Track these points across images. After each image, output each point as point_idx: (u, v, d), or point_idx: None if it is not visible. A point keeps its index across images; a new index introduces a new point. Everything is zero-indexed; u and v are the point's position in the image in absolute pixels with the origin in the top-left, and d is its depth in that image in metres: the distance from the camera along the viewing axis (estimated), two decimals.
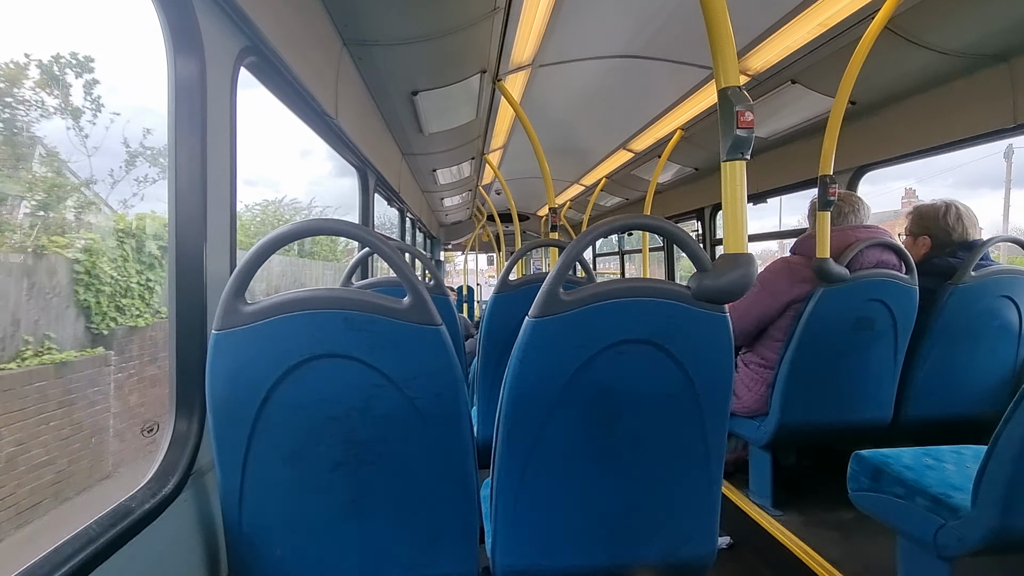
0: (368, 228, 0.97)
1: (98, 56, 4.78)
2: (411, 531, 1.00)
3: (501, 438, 1.02)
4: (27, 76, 4.33)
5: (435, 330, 0.92)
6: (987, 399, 1.97)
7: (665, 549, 1.11)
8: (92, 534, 0.75)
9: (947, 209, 1.96)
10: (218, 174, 1.08)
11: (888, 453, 1.48)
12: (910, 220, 2.09)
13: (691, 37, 2.34)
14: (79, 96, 4.85)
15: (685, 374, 1.00)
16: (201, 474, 1.02)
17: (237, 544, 0.95)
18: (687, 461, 1.07)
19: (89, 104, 4.94)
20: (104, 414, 4.27)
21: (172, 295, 1.01)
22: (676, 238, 1.01)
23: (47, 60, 4.48)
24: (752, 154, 0.99)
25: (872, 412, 1.95)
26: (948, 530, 1.21)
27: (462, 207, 6.59)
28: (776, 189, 3.34)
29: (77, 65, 4.73)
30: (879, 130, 2.52)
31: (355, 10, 1.68)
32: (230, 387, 0.88)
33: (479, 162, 4.31)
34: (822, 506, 1.99)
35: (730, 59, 0.98)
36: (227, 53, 1.14)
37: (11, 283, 3.60)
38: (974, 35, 1.86)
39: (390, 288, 1.74)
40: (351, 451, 0.94)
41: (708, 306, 0.98)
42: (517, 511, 1.06)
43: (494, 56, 2.29)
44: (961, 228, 1.95)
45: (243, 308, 0.87)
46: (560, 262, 0.98)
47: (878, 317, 1.83)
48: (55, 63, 4.58)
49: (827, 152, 1.82)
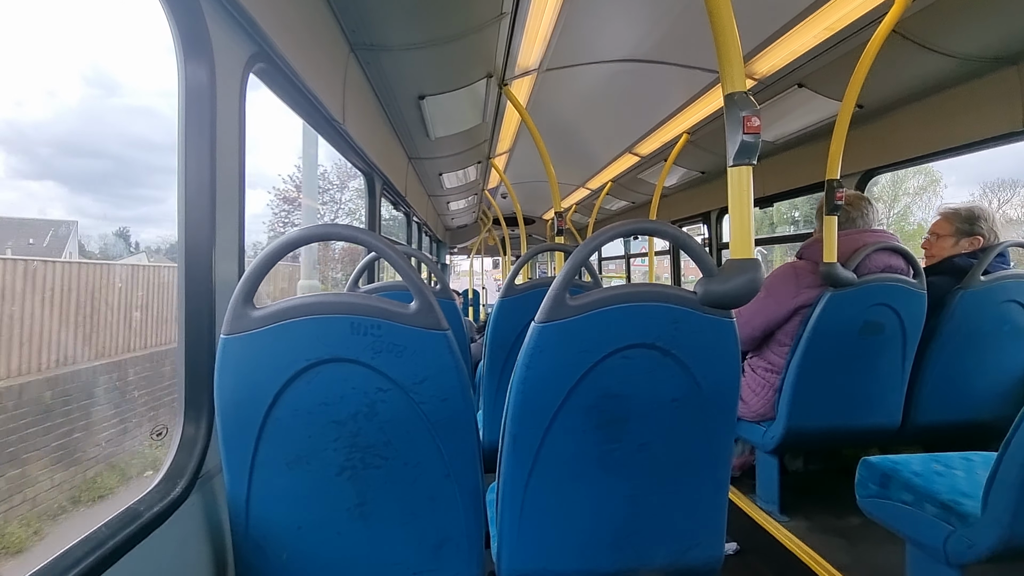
0: (375, 233, 0.97)
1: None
2: (417, 535, 1.00)
3: (507, 442, 1.02)
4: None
5: (441, 335, 0.92)
6: (996, 405, 1.95)
7: (671, 554, 1.11)
8: (102, 537, 0.75)
9: (993, 213, 1.97)
10: (227, 179, 1.09)
11: (897, 459, 1.47)
12: (959, 218, 2.00)
13: (698, 41, 2.34)
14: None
15: (692, 379, 1.00)
16: (209, 477, 1.03)
17: (244, 547, 0.95)
18: (694, 466, 1.07)
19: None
20: None
21: (181, 299, 1.02)
22: (681, 243, 1.01)
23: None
24: (759, 158, 0.99)
25: (880, 417, 1.93)
26: (958, 537, 1.20)
27: (468, 211, 6.60)
28: (783, 193, 3.33)
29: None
30: (886, 134, 2.50)
31: (363, 15, 1.69)
32: (238, 391, 0.88)
33: (485, 166, 4.32)
34: (830, 512, 1.98)
35: (736, 64, 0.98)
36: (236, 59, 1.15)
37: None
38: (983, 38, 1.85)
39: (396, 292, 1.74)
40: (357, 455, 0.94)
41: (714, 311, 0.98)
42: (523, 515, 1.06)
43: (500, 60, 2.30)
44: (998, 231, 1.96)
45: (251, 313, 0.88)
46: (566, 267, 0.98)
47: (886, 322, 1.82)
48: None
49: (834, 156, 1.81)
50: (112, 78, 17.87)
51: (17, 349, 3.45)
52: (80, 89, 14.09)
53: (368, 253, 2.13)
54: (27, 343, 3.50)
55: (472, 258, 9.58)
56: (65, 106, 12.62)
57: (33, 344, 3.56)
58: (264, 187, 16.86)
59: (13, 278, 3.44)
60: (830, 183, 1.79)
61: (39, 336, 3.59)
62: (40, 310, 3.61)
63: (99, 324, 4.17)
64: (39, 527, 3.25)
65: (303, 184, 4.00)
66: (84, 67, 14.57)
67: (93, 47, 7.22)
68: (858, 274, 1.79)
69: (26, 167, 13.17)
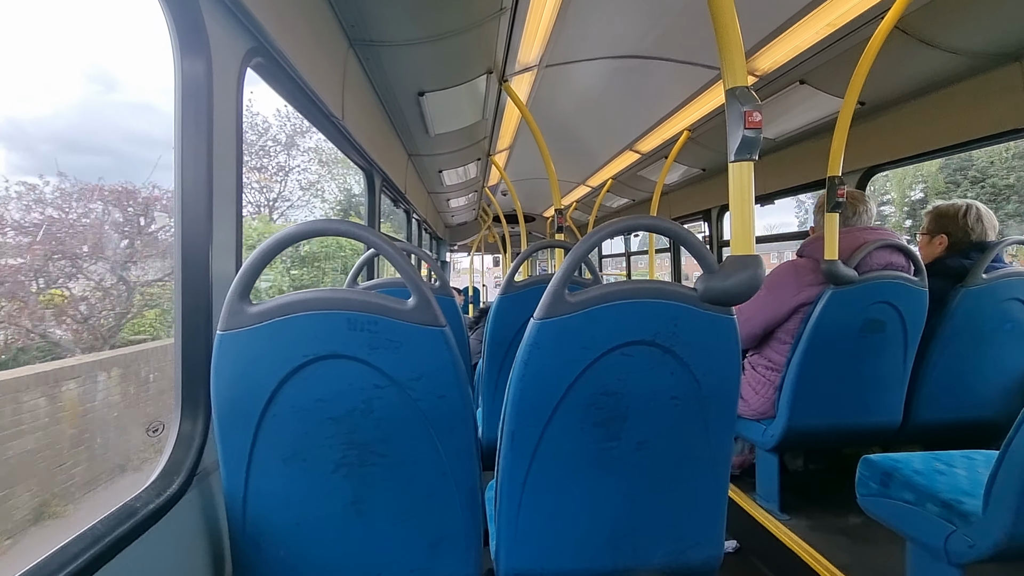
0: (374, 229, 0.97)
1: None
2: (414, 533, 1.00)
3: (505, 440, 1.02)
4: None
5: (439, 331, 0.91)
6: (998, 403, 1.94)
7: (671, 553, 1.10)
8: (97, 533, 0.75)
9: (967, 209, 1.94)
10: (224, 175, 1.09)
11: (898, 457, 1.46)
12: (927, 219, 2.06)
13: (699, 37, 2.33)
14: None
15: (691, 376, 0.99)
16: (206, 474, 1.03)
17: (241, 544, 0.95)
18: (693, 464, 1.06)
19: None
20: None
21: (177, 296, 1.02)
22: (682, 239, 1.00)
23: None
24: (760, 155, 0.98)
25: (881, 415, 1.92)
26: (959, 536, 1.19)
27: (468, 208, 6.58)
28: (784, 190, 3.32)
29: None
30: (888, 131, 2.49)
31: (362, 11, 1.68)
32: (235, 388, 0.88)
33: (485, 163, 4.31)
34: (830, 511, 1.97)
35: (738, 59, 0.97)
36: (234, 54, 1.14)
37: None
38: (986, 34, 1.83)
39: (395, 289, 1.74)
40: (354, 452, 0.94)
41: (715, 308, 0.97)
42: (521, 513, 1.06)
43: (501, 57, 2.29)
44: (980, 229, 1.93)
45: (248, 309, 0.87)
46: (566, 263, 0.97)
47: (887, 319, 1.81)
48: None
49: (836, 153, 1.80)
50: (111, 74, 17.69)
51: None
52: (80, 85, 14.00)
53: (367, 250, 2.13)
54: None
55: (472, 255, 9.57)
56: (65, 103, 12.55)
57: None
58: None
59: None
60: (831, 180, 1.78)
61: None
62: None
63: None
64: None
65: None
66: (83, 63, 14.43)
67: (92, 43, 7.24)
68: (859, 271, 1.78)
69: (26, 163, 13.17)
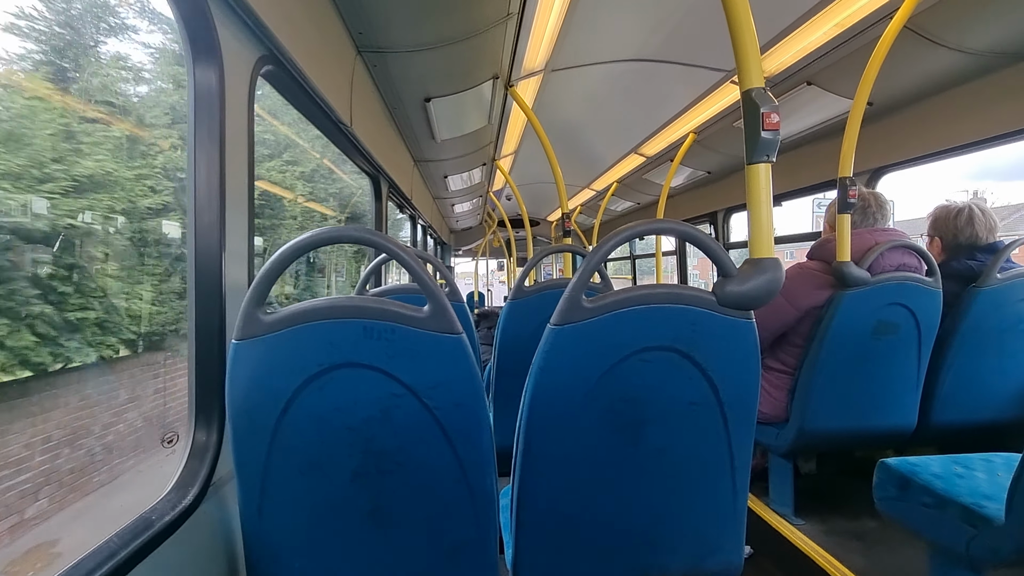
0: (387, 236, 0.96)
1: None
2: (431, 542, 0.99)
3: (521, 447, 1.01)
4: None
5: (456, 339, 0.90)
6: (1015, 404, 1.91)
7: (689, 560, 1.09)
8: (113, 547, 0.74)
9: (959, 211, 1.93)
10: (236, 182, 1.08)
11: (915, 461, 1.44)
12: (927, 220, 2.06)
13: (704, 40, 2.32)
14: None
15: (710, 382, 0.98)
16: (220, 485, 1.02)
17: (256, 556, 0.94)
18: (712, 470, 1.05)
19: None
20: None
21: (191, 305, 1.01)
22: (700, 243, 0.99)
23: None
24: None
25: (896, 418, 1.90)
26: (981, 540, 1.17)
27: (473, 213, 6.60)
28: (791, 192, 3.30)
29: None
30: (897, 131, 2.48)
31: (370, 18, 1.68)
32: (250, 397, 0.87)
33: (490, 168, 4.32)
34: (845, 515, 1.95)
35: (753, 60, 0.96)
36: (245, 62, 1.14)
37: None
38: (995, 33, 1.82)
39: (405, 296, 1.73)
40: (370, 461, 0.93)
41: (733, 312, 0.96)
42: (537, 520, 1.05)
43: (506, 62, 2.29)
44: (970, 231, 1.91)
45: (262, 318, 0.86)
46: (582, 268, 0.96)
47: (901, 321, 1.79)
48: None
49: (846, 154, 1.78)
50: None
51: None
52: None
53: (377, 255, 2.13)
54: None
55: (477, 260, 9.58)
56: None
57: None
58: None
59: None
60: (842, 181, 1.76)
61: None
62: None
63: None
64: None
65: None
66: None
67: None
68: (871, 273, 1.77)
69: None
